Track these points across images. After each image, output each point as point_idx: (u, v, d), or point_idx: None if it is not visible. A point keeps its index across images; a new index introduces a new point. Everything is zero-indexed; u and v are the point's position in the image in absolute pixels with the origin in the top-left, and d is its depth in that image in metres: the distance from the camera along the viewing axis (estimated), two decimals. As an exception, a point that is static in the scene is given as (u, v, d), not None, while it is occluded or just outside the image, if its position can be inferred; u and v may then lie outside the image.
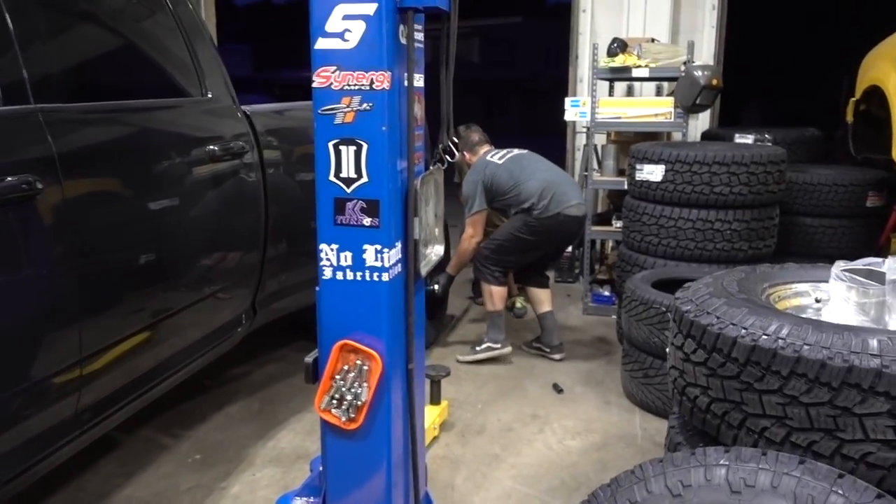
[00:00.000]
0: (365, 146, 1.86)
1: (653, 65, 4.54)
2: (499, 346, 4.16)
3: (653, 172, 3.94)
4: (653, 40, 5.03)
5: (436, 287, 4.24)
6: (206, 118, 2.60)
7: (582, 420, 3.40)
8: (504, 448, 3.14)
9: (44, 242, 1.79)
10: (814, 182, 4.53)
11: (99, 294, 2.00)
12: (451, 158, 2.18)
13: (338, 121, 1.86)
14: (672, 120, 4.55)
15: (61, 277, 1.85)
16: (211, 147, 2.49)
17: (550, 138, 6.69)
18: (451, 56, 2.07)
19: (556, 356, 4.13)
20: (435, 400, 3.31)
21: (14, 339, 1.74)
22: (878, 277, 1.80)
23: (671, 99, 4.58)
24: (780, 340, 1.57)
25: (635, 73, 4.57)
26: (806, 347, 1.54)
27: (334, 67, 1.83)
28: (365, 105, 1.84)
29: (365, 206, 1.89)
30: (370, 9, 1.78)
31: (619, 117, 4.67)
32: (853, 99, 4.33)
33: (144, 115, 2.27)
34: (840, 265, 1.86)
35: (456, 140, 2.18)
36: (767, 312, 1.68)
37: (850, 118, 4.39)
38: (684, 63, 4.49)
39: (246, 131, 2.75)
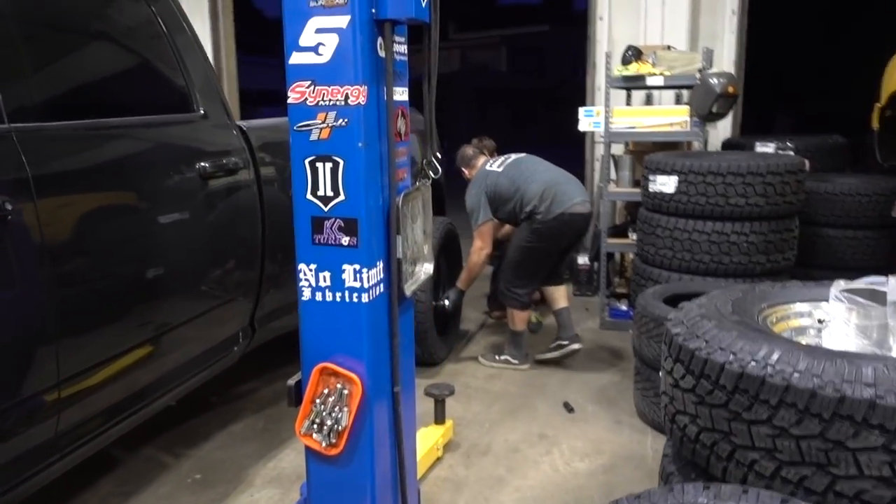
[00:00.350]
0: (341, 163, 1.81)
1: (667, 73, 4.43)
2: (517, 362, 4.13)
3: (666, 183, 3.83)
4: (669, 48, 4.91)
5: (446, 302, 4.18)
6: (196, 135, 2.57)
7: (591, 441, 3.29)
8: (509, 470, 3.05)
9: (14, 264, 1.77)
10: (836, 192, 4.37)
11: (78, 316, 1.97)
12: (435, 174, 2.12)
13: (313, 137, 1.81)
14: (688, 129, 4.43)
15: (35, 299, 1.83)
16: (202, 164, 2.47)
17: (577, 147, 6.61)
18: (434, 70, 2.01)
19: (575, 346, 4.14)
20: (439, 419, 3.23)
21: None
22: (881, 298, 1.70)
23: (687, 107, 4.46)
24: (769, 367, 1.48)
25: (649, 81, 4.47)
26: (796, 375, 1.44)
27: (309, 82, 1.79)
28: (340, 121, 1.79)
29: (343, 224, 1.84)
30: (343, 21, 1.74)
31: (634, 127, 4.56)
32: (878, 105, 4.18)
33: (129, 134, 2.25)
34: (840, 285, 1.75)
35: (439, 155, 2.12)
36: (758, 336, 1.58)
37: (875, 125, 4.24)
38: (699, 70, 4.37)
39: (240, 147, 2.72)
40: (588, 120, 4.72)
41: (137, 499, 2.85)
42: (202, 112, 2.59)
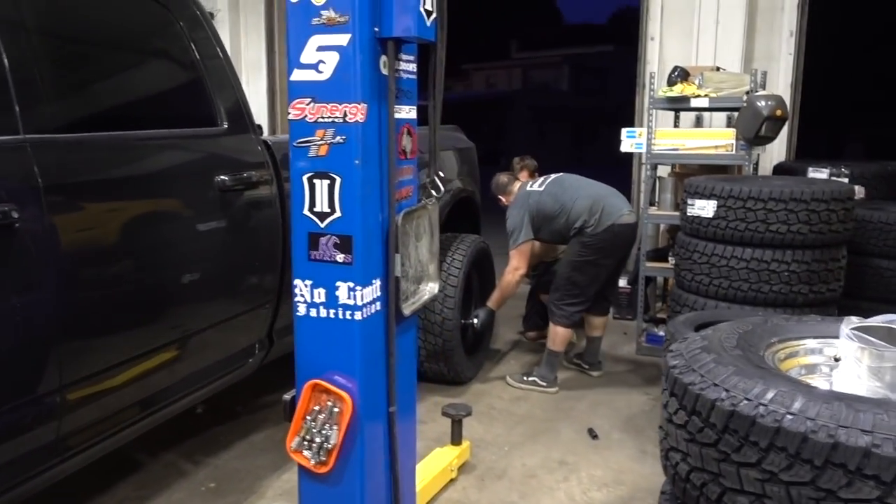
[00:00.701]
0: (338, 180, 1.81)
1: (713, 94, 4.30)
2: (545, 384, 4.05)
3: (704, 208, 3.71)
4: (718, 69, 4.78)
5: (475, 321, 4.14)
6: (217, 148, 2.61)
7: (612, 470, 3.19)
8: (523, 496, 2.97)
9: (19, 270, 1.81)
10: (890, 221, 4.14)
11: (84, 323, 2.01)
12: (437, 193, 2.10)
13: (312, 153, 1.82)
14: (734, 152, 4.29)
15: (40, 306, 1.87)
16: (221, 177, 2.50)
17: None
18: (439, 88, 2.00)
19: (595, 373, 4.31)
20: (456, 440, 3.18)
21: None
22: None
23: (733, 130, 4.32)
24: (760, 407, 1.39)
25: (694, 102, 4.34)
26: (788, 417, 1.35)
27: (309, 99, 1.80)
28: (338, 138, 1.79)
29: (338, 241, 1.83)
30: (343, 39, 1.74)
31: (677, 149, 4.44)
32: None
33: (146, 146, 2.30)
34: (853, 322, 1.64)
35: (442, 174, 2.10)
36: (755, 373, 1.50)
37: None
38: (747, 92, 4.23)
39: (263, 160, 2.75)
40: (630, 141, 4.62)
41: (155, 501, 2.89)
42: (225, 126, 2.63)
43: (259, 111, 6.64)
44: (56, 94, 2.06)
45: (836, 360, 1.77)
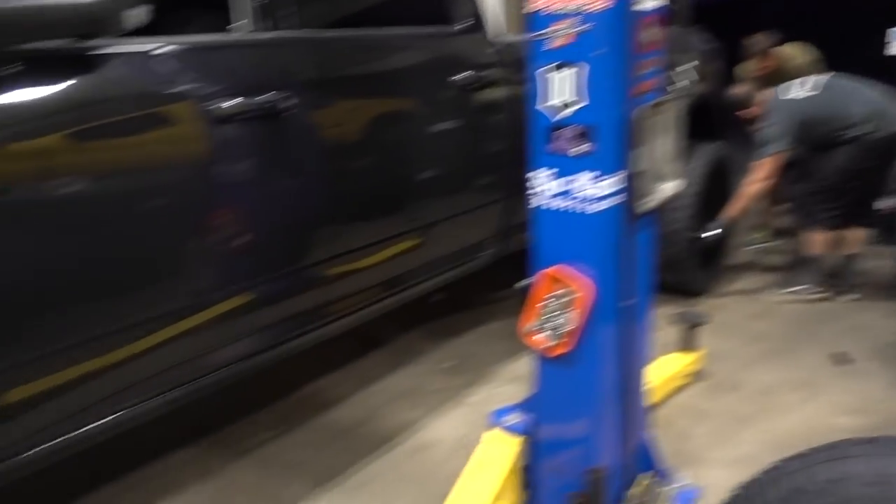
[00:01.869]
0: (580, 69, 1.79)
1: None
2: (810, 290, 3.95)
3: None
4: None
5: (712, 232, 3.95)
6: (452, 47, 2.69)
7: (860, 398, 2.94)
8: (757, 411, 2.87)
9: (286, 156, 2.04)
10: None
11: (344, 205, 2.26)
12: (683, 88, 2.00)
13: (553, 44, 1.81)
14: None
15: (302, 190, 2.10)
16: (455, 77, 2.59)
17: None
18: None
19: (847, 297, 3.99)
20: (689, 347, 3.11)
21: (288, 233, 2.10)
22: None
23: None
24: None
25: None
26: None
27: (549, -11, 1.78)
28: (581, 27, 1.76)
29: (578, 132, 1.83)
30: (588, -82, 1.69)
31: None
32: None
33: (386, 45, 2.45)
34: None
35: (696, 62, 1.99)
36: None
37: None
38: None
39: (494, 61, 2.80)
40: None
41: (398, 374, 3.22)
42: (461, 25, 2.71)
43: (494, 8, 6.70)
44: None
45: None
